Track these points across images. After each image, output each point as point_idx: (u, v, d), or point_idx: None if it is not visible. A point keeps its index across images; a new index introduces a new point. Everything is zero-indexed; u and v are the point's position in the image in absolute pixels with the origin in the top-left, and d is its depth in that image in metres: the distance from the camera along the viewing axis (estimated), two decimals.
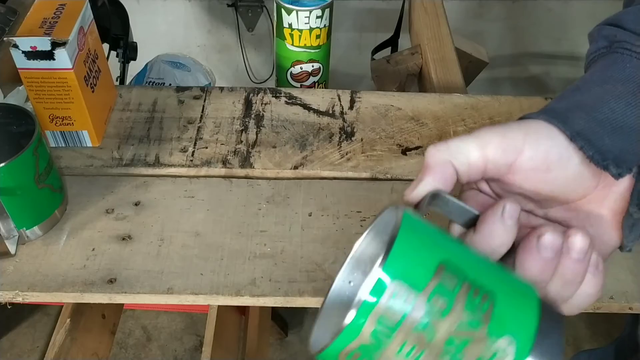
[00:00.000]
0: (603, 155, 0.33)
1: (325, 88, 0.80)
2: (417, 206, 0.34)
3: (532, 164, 0.34)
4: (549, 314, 0.30)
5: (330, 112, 0.70)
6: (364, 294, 0.27)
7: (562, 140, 0.34)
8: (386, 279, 0.27)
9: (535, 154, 0.34)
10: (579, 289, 0.33)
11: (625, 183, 0.35)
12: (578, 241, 0.32)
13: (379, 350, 0.27)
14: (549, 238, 0.31)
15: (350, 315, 0.27)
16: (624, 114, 0.34)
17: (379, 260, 0.28)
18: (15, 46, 0.55)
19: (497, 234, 0.32)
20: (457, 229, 0.36)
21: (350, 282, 0.34)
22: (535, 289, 0.31)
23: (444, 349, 0.27)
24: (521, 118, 0.36)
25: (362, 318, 0.27)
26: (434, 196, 0.34)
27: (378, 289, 0.27)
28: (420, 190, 0.34)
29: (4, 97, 0.67)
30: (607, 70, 0.37)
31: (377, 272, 0.27)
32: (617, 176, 0.33)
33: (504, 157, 0.34)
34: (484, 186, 0.38)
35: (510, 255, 0.33)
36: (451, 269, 0.29)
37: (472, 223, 0.34)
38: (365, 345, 0.27)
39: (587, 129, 0.34)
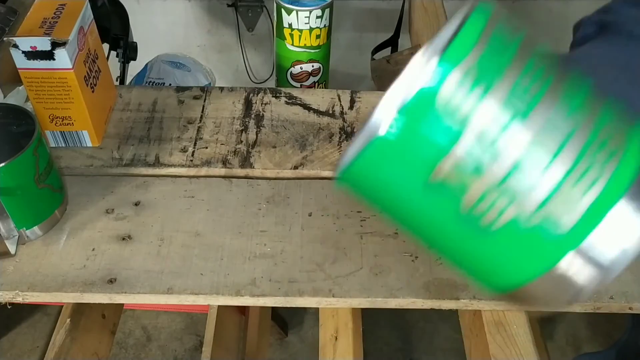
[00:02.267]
0: None
1: (325, 88, 0.80)
2: None
3: None
4: None
5: (330, 112, 0.70)
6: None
7: None
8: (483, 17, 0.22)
9: None
10: None
11: None
12: None
13: (507, 65, 0.21)
14: None
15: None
16: (610, 89, 0.34)
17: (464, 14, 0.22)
18: (15, 46, 0.55)
19: None
20: None
21: None
22: None
23: (569, 83, 0.22)
24: None
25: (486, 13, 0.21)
26: None
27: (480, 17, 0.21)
28: None
29: (4, 97, 0.67)
30: (594, 49, 0.37)
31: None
32: None
33: None
34: None
35: None
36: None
37: None
38: (489, 55, 0.21)
39: None
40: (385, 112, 0.21)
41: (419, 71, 0.21)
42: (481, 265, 0.23)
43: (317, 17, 0.71)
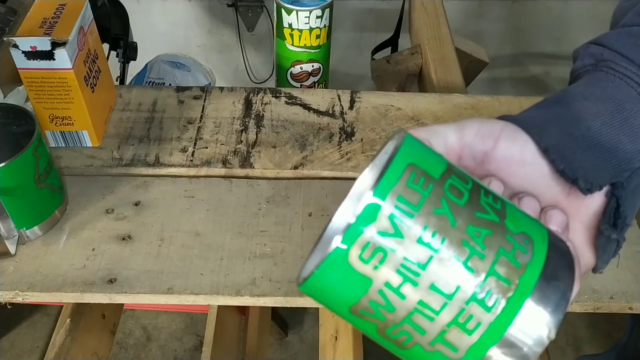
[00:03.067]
0: (573, 170, 0.33)
1: (325, 88, 0.80)
2: None
3: (508, 154, 0.34)
4: (556, 239, 0.30)
5: (330, 112, 0.70)
6: (379, 177, 0.26)
7: (535, 149, 0.35)
8: (403, 162, 0.26)
9: (511, 145, 0.34)
10: None
11: (599, 201, 0.35)
12: (557, 215, 0.33)
13: (399, 238, 0.26)
14: (530, 204, 0.32)
15: (368, 196, 0.26)
16: (600, 132, 0.34)
17: (393, 148, 0.26)
18: (15, 46, 0.55)
19: None
20: None
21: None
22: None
23: (465, 237, 0.26)
24: (500, 118, 0.37)
25: (381, 196, 0.25)
26: None
27: (395, 170, 0.26)
28: None
29: (4, 97, 0.67)
30: (589, 87, 0.37)
31: (395, 155, 0.26)
32: (586, 191, 0.33)
33: (481, 143, 0.35)
34: None
35: None
36: (459, 172, 0.28)
37: None
38: (383, 231, 0.26)
39: (561, 143, 0.34)
40: (336, 241, 0.26)
41: (346, 216, 0.28)
42: None
43: (317, 17, 0.71)
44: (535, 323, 0.27)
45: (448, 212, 0.26)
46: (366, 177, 0.32)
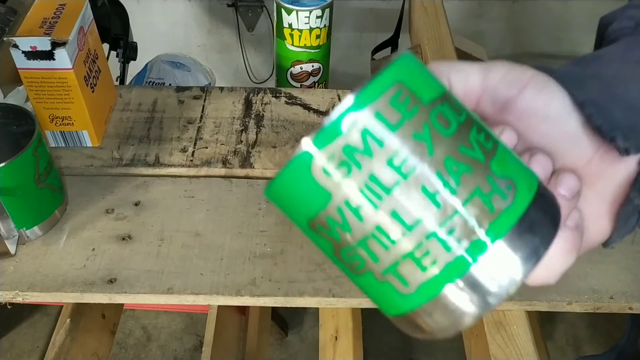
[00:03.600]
0: (611, 127, 0.30)
1: (325, 88, 0.80)
2: None
3: (531, 106, 0.32)
4: (545, 194, 0.28)
5: (330, 112, 0.70)
6: (361, 88, 0.24)
7: (567, 102, 0.32)
8: (391, 78, 0.24)
9: (536, 96, 0.31)
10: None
11: (624, 171, 0.33)
12: (570, 179, 0.30)
13: (368, 156, 0.24)
14: (541, 162, 0.30)
15: (345, 105, 0.24)
16: (639, 96, 0.32)
17: (391, 60, 0.25)
18: (15, 46, 0.55)
19: None
20: None
21: None
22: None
23: (440, 168, 0.24)
24: (535, 67, 0.33)
25: (357, 108, 0.24)
26: None
27: (379, 84, 0.24)
28: None
29: (4, 97, 0.67)
30: (629, 50, 0.35)
31: (385, 70, 0.24)
32: (624, 151, 0.30)
33: (505, 88, 0.32)
34: None
35: None
36: (455, 102, 0.26)
37: None
38: (352, 146, 0.24)
39: (599, 98, 0.31)
40: (305, 143, 0.24)
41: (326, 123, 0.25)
42: (364, 291, 0.28)
43: (317, 17, 0.71)
44: (495, 274, 0.25)
45: (428, 139, 0.24)
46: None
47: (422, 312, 0.26)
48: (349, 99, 0.24)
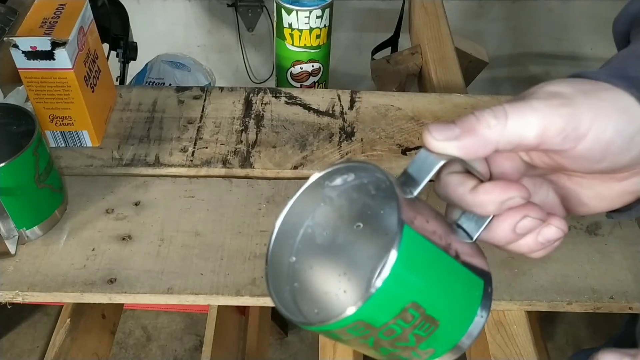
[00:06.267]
0: None
1: (325, 88, 0.80)
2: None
3: (588, 155, 0.30)
4: (477, 322, 0.33)
5: (330, 112, 0.70)
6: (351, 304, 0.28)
7: (637, 115, 0.29)
8: (357, 314, 0.28)
9: (596, 144, 0.29)
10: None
11: None
12: (552, 232, 0.31)
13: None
14: (527, 224, 0.31)
15: (349, 311, 0.28)
16: None
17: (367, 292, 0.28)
18: (15, 46, 0.55)
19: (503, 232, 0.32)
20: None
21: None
22: (480, 285, 0.32)
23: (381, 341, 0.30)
24: (593, 76, 0.31)
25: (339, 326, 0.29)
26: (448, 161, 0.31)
27: (348, 320, 0.28)
28: (447, 149, 0.30)
29: (4, 97, 0.67)
30: None
31: (356, 305, 0.27)
32: None
33: (561, 144, 0.29)
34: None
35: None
36: (414, 308, 0.29)
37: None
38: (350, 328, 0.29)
39: None
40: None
41: None
42: None
43: (317, 17, 0.71)
44: None
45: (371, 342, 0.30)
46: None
47: None
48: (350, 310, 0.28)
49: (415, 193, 0.30)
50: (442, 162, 0.30)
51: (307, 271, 0.33)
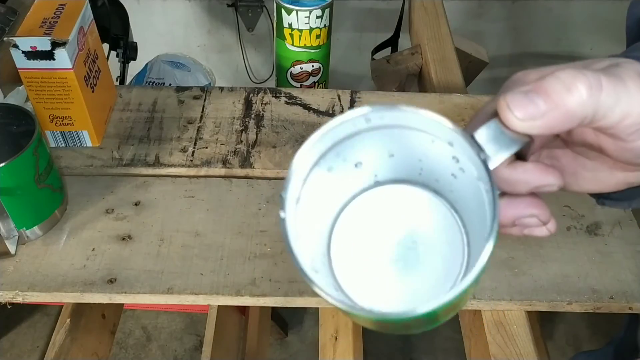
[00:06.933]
0: None
1: (325, 88, 0.80)
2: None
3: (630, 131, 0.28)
4: None
5: (330, 112, 0.70)
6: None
7: None
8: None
9: None
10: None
11: None
12: (541, 233, 0.31)
13: None
14: (530, 222, 0.31)
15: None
16: None
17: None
18: (15, 46, 0.55)
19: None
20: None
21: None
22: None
23: None
24: None
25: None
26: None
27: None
28: (529, 129, 0.26)
29: (4, 97, 0.67)
30: None
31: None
32: None
33: (633, 132, 0.28)
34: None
35: None
36: None
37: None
38: None
39: None
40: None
41: None
42: None
43: (317, 17, 0.71)
44: None
45: None
46: None
47: None
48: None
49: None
50: (520, 146, 0.27)
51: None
